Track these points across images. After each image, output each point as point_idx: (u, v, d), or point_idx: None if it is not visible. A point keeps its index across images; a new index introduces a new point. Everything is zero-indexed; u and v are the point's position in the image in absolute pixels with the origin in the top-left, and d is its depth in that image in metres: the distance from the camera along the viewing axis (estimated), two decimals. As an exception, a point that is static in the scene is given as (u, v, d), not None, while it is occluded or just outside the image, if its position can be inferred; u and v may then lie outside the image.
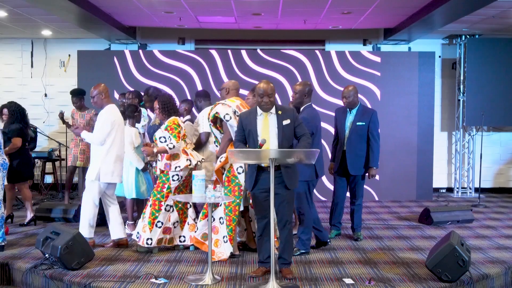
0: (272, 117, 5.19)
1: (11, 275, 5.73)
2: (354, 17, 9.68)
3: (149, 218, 6.16)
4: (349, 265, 5.76)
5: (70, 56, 11.42)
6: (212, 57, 10.51)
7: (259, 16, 9.64)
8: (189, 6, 8.93)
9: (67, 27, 10.29)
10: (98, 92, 6.48)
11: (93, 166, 6.32)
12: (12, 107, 7.80)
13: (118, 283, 5.06)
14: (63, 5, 8.11)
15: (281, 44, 11.13)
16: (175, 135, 6.14)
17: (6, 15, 9.36)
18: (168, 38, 11.20)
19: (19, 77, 11.65)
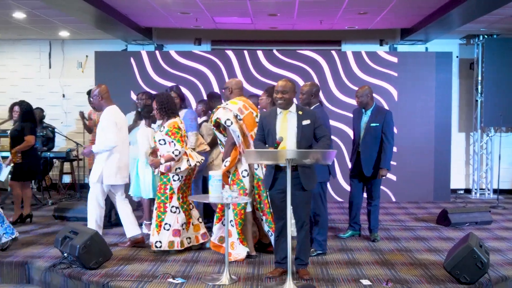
0: (292, 116, 5.18)
1: (30, 274, 5.78)
2: (370, 17, 9.64)
3: (156, 221, 6.16)
4: (366, 266, 5.74)
5: (88, 57, 11.51)
6: (228, 57, 10.53)
7: (275, 16, 9.64)
8: (205, 7, 8.96)
9: (84, 28, 10.37)
10: (97, 93, 6.46)
11: (96, 168, 6.30)
12: (24, 105, 7.90)
13: (136, 282, 5.08)
14: (80, 6, 8.18)
15: (297, 45, 11.12)
16: (178, 140, 6.09)
17: (25, 16, 9.45)
18: (184, 39, 11.24)
19: (37, 78, 11.75)
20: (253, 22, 10.19)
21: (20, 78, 11.79)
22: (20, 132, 7.73)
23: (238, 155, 5.97)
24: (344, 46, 11.27)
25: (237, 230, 5.96)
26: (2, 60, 11.86)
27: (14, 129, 7.89)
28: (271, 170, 5.19)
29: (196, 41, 11.19)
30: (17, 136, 7.75)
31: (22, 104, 7.96)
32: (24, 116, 7.85)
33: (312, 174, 5.22)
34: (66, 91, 11.63)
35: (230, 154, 5.99)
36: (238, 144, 5.96)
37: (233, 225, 6.01)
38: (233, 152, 5.98)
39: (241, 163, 5.99)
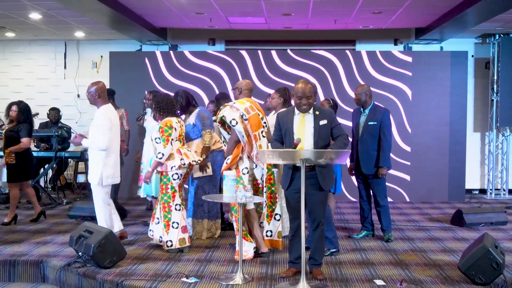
0: (309, 117, 5.16)
1: (45, 272, 5.82)
2: (385, 16, 9.60)
3: (163, 221, 6.21)
4: (380, 266, 5.72)
5: (102, 57, 11.58)
6: (242, 57, 10.54)
7: (289, 16, 9.63)
8: (220, 7, 8.98)
9: (99, 28, 10.44)
10: (93, 90, 6.38)
11: (94, 170, 6.29)
12: (22, 105, 7.86)
13: (150, 281, 5.10)
14: (95, 7, 8.23)
15: (311, 45, 11.11)
16: (164, 139, 6.14)
17: (41, 17, 9.53)
18: (198, 39, 11.28)
19: (52, 78, 11.85)
20: (267, 22, 10.20)
21: (36, 78, 11.90)
22: (16, 133, 7.69)
23: (240, 153, 6.04)
24: (358, 46, 11.23)
25: (237, 227, 5.94)
26: (18, 61, 11.97)
27: (10, 129, 7.80)
28: (288, 171, 5.18)
29: (210, 41, 11.22)
30: (13, 136, 7.70)
31: (20, 104, 7.90)
32: (21, 117, 7.79)
33: (329, 174, 5.21)
34: (81, 91, 11.71)
35: (232, 152, 6.05)
36: (243, 143, 6.01)
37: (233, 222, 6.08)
38: (236, 149, 6.05)
39: (242, 161, 6.04)
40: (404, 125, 10.35)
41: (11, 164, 7.66)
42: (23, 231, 7.28)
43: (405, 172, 10.32)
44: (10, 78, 11.95)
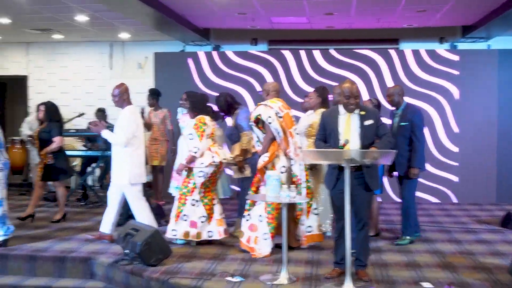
0: (355, 117, 5.13)
1: (94, 269, 5.94)
2: (429, 14, 9.45)
3: (175, 211, 6.37)
4: (427, 268, 5.62)
5: (147, 58, 11.73)
6: (285, 57, 10.53)
7: (331, 16, 9.58)
8: (262, 7, 8.99)
9: (144, 30, 10.58)
10: (120, 92, 6.55)
11: (121, 169, 6.38)
12: (49, 105, 7.95)
13: (195, 280, 5.14)
14: (140, 8, 8.35)
15: (354, 44, 11.01)
16: (198, 135, 6.28)
17: (87, 19, 9.72)
18: (241, 39, 11.31)
19: (98, 78, 12.07)
20: (310, 22, 10.16)
21: (82, 79, 12.14)
22: (48, 133, 7.75)
23: (276, 151, 6.09)
24: (402, 45, 11.07)
25: (273, 225, 6.03)
26: (65, 62, 12.24)
27: (42, 130, 7.88)
28: (332, 171, 5.15)
29: (253, 41, 11.24)
30: (46, 137, 7.77)
31: (47, 104, 8.00)
32: (50, 116, 7.88)
33: (376, 174, 5.16)
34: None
35: (268, 150, 6.11)
36: (279, 141, 6.09)
37: (262, 220, 6.06)
38: (272, 147, 6.11)
39: (279, 159, 6.11)
40: (451, 125, 10.16)
41: (49, 164, 7.75)
42: (71, 228, 7.45)
43: (453, 173, 10.13)
44: (58, 79, 12.22)
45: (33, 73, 12.40)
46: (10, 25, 10.35)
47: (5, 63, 12.55)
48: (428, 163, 10.02)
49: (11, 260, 6.08)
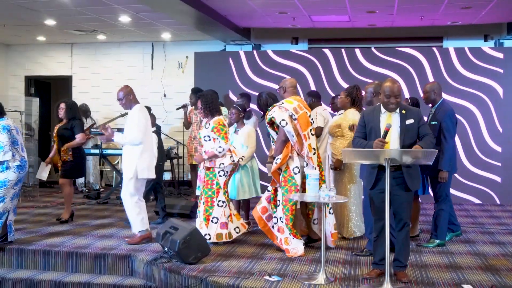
0: (395, 116, 5.04)
1: (133, 266, 6.02)
2: (474, 11, 9.24)
3: (203, 215, 6.37)
4: (468, 270, 5.49)
5: (188, 58, 11.83)
6: (326, 56, 10.46)
7: (373, 14, 9.47)
8: (303, 6, 8.96)
9: (185, 29, 10.68)
10: (125, 93, 6.59)
11: (129, 164, 6.41)
12: (69, 103, 7.98)
13: (233, 278, 5.15)
14: (181, 8, 8.42)
15: (396, 42, 10.86)
16: (223, 137, 6.31)
17: (130, 20, 9.87)
18: (281, 38, 11.29)
19: (140, 78, 12.23)
20: (351, 20, 10.07)
21: (124, 79, 12.31)
22: (70, 131, 7.73)
23: (289, 153, 6.08)
24: (446, 42, 10.87)
25: (289, 226, 6.04)
26: (108, 62, 12.45)
27: (63, 127, 7.84)
28: (372, 170, 5.08)
29: (293, 40, 11.21)
30: (67, 134, 7.74)
31: (68, 101, 8.03)
32: (71, 114, 7.85)
33: (416, 174, 5.06)
34: (167, 91, 12.03)
35: (281, 151, 6.11)
36: (293, 143, 6.08)
37: (283, 221, 6.08)
38: (285, 149, 6.10)
39: (292, 160, 6.11)
40: (495, 124, 9.91)
41: (67, 161, 7.72)
42: (112, 226, 7.57)
43: (495, 173, 9.88)
44: (101, 79, 12.45)
45: (77, 73, 12.67)
46: (55, 27, 10.59)
47: (50, 63, 12.85)
48: (470, 163, 9.84)
49: (53, 256, 6.23)
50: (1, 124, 6.30)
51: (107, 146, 10.84)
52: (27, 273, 6.13)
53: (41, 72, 12.94)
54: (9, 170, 6.26)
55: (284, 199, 6.06)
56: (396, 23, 10.31)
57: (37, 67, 12.95)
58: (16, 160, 6.31)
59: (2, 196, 6.24)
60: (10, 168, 6.26)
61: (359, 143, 5.10)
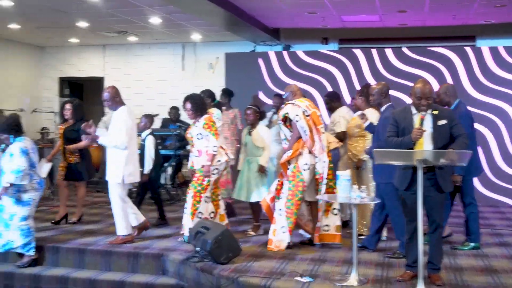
0: (427, 116, 4.99)
1: (166, 266, 6.07)
2: (509, 10, 9.07)
3: (191, 209, 6.42)
4: (505, 274, 5.38)
5: (218, 59, 11.88)
6: (356, 56, 10.40)
7: (404, 13, 9.38)
8: (333, 6, 8.92)
9: (215, 30, 10.73)
10: (111, 94, 6.51)
11: (115, 168, 6.37)
12: (75, 103, 7.80)
13: (265, 279, 5.15)
14: (211, 9, 8.47)
15: (427, 41, 10.74)
16: (213, 133, 6.40)
17: (161, 21, 9.96)
18: (311, 39, 11.26)
19: (170, 79, 12.33)
20: (382, 20, 10.00)
21: (155, 80, 12.45)
22: (76, 132, 7.47)
23: (300, 148, 6.24)
24: (479, 42, 10.70)
25: (291, 219, 6.20)
26: (139, 63, 12.59)
27: (69, 128, 7.65)
28: (404, 171, 5.02)
29: (323, 40, 11.17)
30: (73, 136, 7.57)
31: (73, 102, 7.85)
32: (77, 115, 7.68)
33: (449, 175, 5.00)
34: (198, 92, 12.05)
35: (292, 147, 6.28)
36: (305, 139, 6.25)
37: (281, 214, 6.23)
38: (296, 144, 6.27)
39: (302, 156, 6.25)
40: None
41: (74, 163, 7.62)
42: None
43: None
44: (132, 80, 12.58)
45: (109, 75, 12.84)
46: (87, 28, 10.74)
47: (82, 65, 13.05)
48: (506, 164, 9.66)
49: (87, 255, 6.32)
50: (20, 147, 6.18)
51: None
52: (62, 271, 6.23)
53: (74, 73, 13.14)
54: (30, 190, 6.23)
55: (291, 193, 6.19)
56: (428, 22, 10.19)
57: (70, 69, 13.15)
58: (34, 181, 6.28)
59: (26, 215, 6.23)
60: (29, 189, 6.22)
61: (394, 142, 5.04)
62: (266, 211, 6.49)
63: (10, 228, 6.17)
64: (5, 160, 6.19)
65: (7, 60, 12.50)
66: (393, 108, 6.00)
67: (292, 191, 6.19)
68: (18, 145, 6.19)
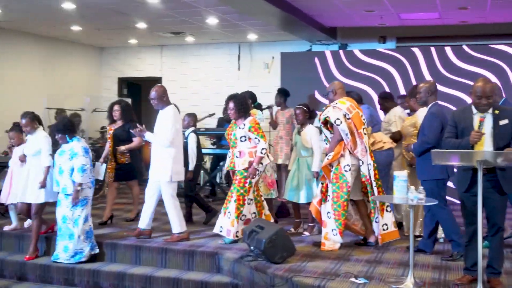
0: (488, 116, 4.84)
1: (220, 264, 6.12)
2: None
3: (235, 213, 6.39)
4: None
5: (274, 58, 11.90)
6: (414, 54, 10.19)
7: (465, 10, 9.15)
8: (391, 4, 8.79)
9: (270, 30, 10.75)
10: (158, 94, 6.52)
11: (164, 167, 6.42)
12: (123, 104, 7.82)
13: (318, 279, 5.12)
14: (267, 9, 8.49)
15: (489, 39, 10.42)
16: (261, 136, 6.39)
17: (217, 22, 10.06)
18: (368, 37, 11.14)
19: (226, 79, 12.44)
20: (441, 17, 9.78)
21: (211, 79, 12.58)
22: (127, 133, 7.48)
23: (341, 151, 6.21)
24: (544, 39, 10.33)
25: (340, 221, 6.18)
26: (196, 63, 12.76)
27: (119, 129, 7.62)
28: (464, 173, 4.89)
29: (381, 39, 11.02)
30: (124, 136, 7.55)
31: (122, 103, 7.87)
32: (126, 116, 7.67)
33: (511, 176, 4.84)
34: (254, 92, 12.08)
35: (334, 149, 6.24)
36: (347, 142, 6.21)
37: (330, 217, 6.24)
38: (337, 147, 6.23)
39: (344, 158, 6.23)
40: None
41: (124, 163, 7.62)
42: (199, 223, 7.70)
43: None
44: (189, 80, 12.78)
45: (166, 75, 13.07)
46: (146, 30, 10.97)
47: (141, 65, 13.33)
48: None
49: (144, 251, 6.44)
50: (82, 146, 6.33)
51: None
52: (119, 266, 6.37)
53: (132, 73, 13.45)
54: (85, 189, 6.37)
55: (336, 195, 6.19)
56: (490, 19, 9.90)
57: (129, 69, 13.47)
58: (88, 180, 6.41)
59: (86, 214, 6.40)
60: (85, 188, 6.36)
61: (452, 143, 4.92)
62: (315, 215, 6.48)
63: (75, 236, 6.31)
64: (63, 160, 6.35)
65: (69, 61, 12.93)
66: (439, 106, 5.97)
67: (337, 193, 6.19)
68: (80, 144, 6.36)
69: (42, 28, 11.28)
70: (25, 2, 8.82)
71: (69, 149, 6.34)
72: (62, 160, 6.34)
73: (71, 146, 6.35)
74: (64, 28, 11.12)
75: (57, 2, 8.78)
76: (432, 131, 5.74)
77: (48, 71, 12.37)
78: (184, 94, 12.67)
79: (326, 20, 10.31)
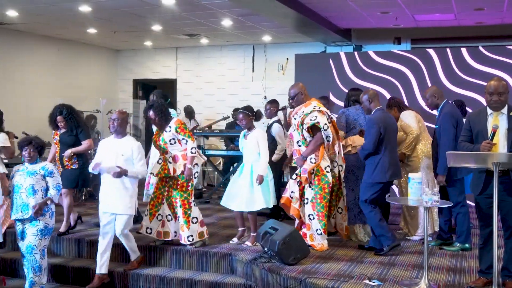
0: (503, 118, 4.80)
1: (234, 265, 6.14)
2: None
3: (183, 217, 6.34)
4: None
5: (288, 60, 11.90)
6: (430, 56, 10.14)
7: (481, 11, 9.09)
8: (406, 5, 8.76)
9: (285, 32, 10.76)
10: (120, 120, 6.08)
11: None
12: (65, 114, 7.04)
13: (332, 281, 5.12)
14: (282, 11, 8.50)
15: (506, 40, 10.34)
16: (189, 136, 6.31)
17: (232, 23, 10.09)
18: (383, 39, 11.10)
19: (241, 80, 12.47)
20: (457, 18, 9.72)
21: (226, 81, 12.61)
22: (75, 137, 7.05)
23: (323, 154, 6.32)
24: (561, 40, 10.23)
25: (323, 222, 6.25)
26: (210, 65, 12.80)
27: (67, 133, 7.09)
28: (479, 174, 4.86)
29: (396, 40, 10.98)
30: (72, 141, 7.04)
31: (63, 112, 7.03)
32: (71, 122, 7.06)
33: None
34: (268, 93, 12.15)
35: (313, 152, 6.26)
36: (327, 145, 6.36)
37: (313, 218, 6.28)
38: (321, 149, 6.30)
39: (324, 159, 6.32)
40: None
41: (72, 169, 7.01)
42: (213, 225, 7.73)
43: None
44: (204, 81, 12.82)
45: (181, 76, 13.13)
46: (161, 32, 11.03)
47: (156, 67, 13.41)
48: None
49: (158, 253, 6.47)
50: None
51: (209, 147, 11.12)
52: (134, 267, 6.41)
53: (148, 75, 13.53)
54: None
55: (319, 197, 6.24)
56: (506, 20, 9.82)
57: (144, 71, 13.56)
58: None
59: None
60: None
61: (465, 147, 4.90)
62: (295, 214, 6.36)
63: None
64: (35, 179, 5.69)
65: (85, 63, 13.03)
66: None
67: (320, 194, 6.25)
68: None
69: (59, 31, 11.39)
70: (41, 4, 8.91)
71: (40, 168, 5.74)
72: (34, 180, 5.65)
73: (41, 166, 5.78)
74: (80, 31, 11.22)
75: (73, 5, 8.86)
76: (368, 137, 6.07)
77: (64, 73, 12.49)
78: (198, 96, 12.72)
79: (340, 21, 10.29)
